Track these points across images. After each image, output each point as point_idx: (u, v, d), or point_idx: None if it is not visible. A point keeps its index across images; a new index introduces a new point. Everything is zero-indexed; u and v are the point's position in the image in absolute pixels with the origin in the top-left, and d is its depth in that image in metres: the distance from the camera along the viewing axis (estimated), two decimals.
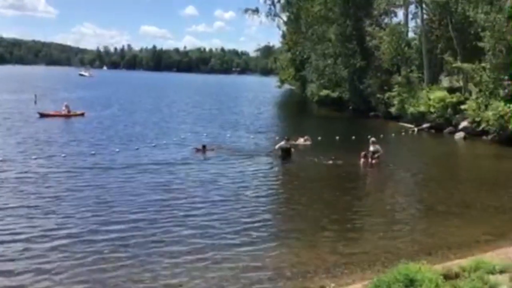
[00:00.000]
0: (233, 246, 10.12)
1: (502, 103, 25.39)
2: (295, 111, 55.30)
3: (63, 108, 33.97)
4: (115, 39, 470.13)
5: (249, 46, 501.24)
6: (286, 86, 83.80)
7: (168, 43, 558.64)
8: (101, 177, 15.88)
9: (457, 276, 7.39)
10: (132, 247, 9.83)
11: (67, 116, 33.21)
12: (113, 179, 15.62)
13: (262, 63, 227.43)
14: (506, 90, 26.08)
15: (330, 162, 19.13)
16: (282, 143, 20.32)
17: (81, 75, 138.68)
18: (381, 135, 25.92)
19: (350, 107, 47.06)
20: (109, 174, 16.34)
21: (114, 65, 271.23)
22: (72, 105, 35.57)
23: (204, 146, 21.34)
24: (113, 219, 11.62)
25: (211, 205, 13.13)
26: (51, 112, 33.74)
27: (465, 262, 8.22)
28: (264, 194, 14.87)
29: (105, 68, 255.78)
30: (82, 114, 34.18)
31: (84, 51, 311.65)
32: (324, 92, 53.23)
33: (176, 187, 14.95)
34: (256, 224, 11.59)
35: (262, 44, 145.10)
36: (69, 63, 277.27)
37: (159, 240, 10.30)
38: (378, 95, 40.17)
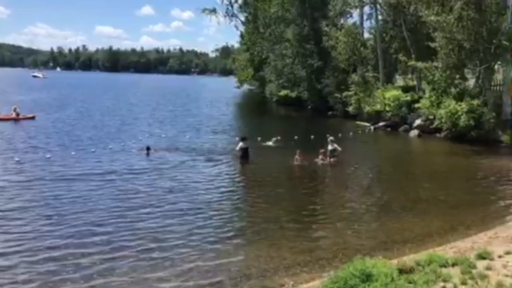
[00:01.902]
0: (191, 247, 10.06)
1: (453, 101, 26.24)
2: (254, 111, 55.37)
3: (12, 111, 32.55)
4: (69, 39, 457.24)
5: (208, 47, 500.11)
6: (246, 86, 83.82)
7: (124, 44, 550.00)
8: (53, 186, 14.96)
9: (411, 270, 7.58)
10: (87, 256, 9.64)
11: (16, 119, 31.82)
12: (67, 188, 14.71)
13: (221, 64, 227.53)
14: (457, 89, 26.94)
15: (291, 161, 19.25)
16: (241, 143, 20.31)
17: (35, 76, 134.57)
18: (339, 134, 26.29)
19: (309, 107, 47.60)
20: (61, 183, 15.45)
21: (68, 66, 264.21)
22: (25, 107, 34.39)
23: (148, 148, 21.29)
24: (70, 231, 11.18)
25: (169, 207, 12.99)
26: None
27: (419, 256, 8.44)
28: (222, 194, 14.85)
29: (58, 69, 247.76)
30: (33, 118, 32.94)
31: (37, 52, 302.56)
32: (283, 92, 53.71)
33: (133, 191, 14.66)
34: (215, 225, 11.58)
35: (221, 44, 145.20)
36: (22, 64, 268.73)
37: (117, 247, 10.12)
38: (336, 95, 40.80)
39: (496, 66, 29.36)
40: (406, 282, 7.04)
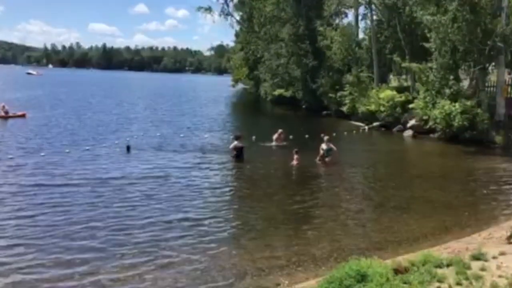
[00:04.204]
0: (186, 246, 10.04)
1: (447, 102, 26.32)
2: (249, 110, 55.40)
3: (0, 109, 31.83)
4: (63, 36, 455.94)
5: (203, 45, 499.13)
6: (240, 85, 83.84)
7: (118, 41, 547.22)
8: (43, 190, 14.43)
9: (406, 270, 7.59)
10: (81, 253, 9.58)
11: (5, 117, 31.01)
12: (58, 192, 14.14)
13: (216, 62, 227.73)
14: (452, 89, 27.02)
15: (287, 161, 19.19)
16: (236, 142, 20.28)
17: (29, 73, 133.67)
18: (334, 134, 26.33)
19: (304, 106, 47.66)
20: (52, 186, 15.05)
21: (62, 64, 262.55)
22: (19, 105, 33.79)
23: (128, 147, 21.29)
24: (63, 233, 11.18)
25: (163, 206, 12.96)
26: None
27: (414, 256, 8.45)
28: (217, 194, 14.80)
29: (50, 66, 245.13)
30: (23, 115, 32.10)
31: (30, 48, 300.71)
32: (278, 91, 53.75)
33: (123, 191, 14.53)
34: (209, 224, 11.53)
35: (216, 43, 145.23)
36: (15, 61, 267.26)
37: (110, 240, 10.13)
38: (330, 94, 40.83)
39: (490, 68, 29.50)
40: (401, 282, 7.04)
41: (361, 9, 42.90)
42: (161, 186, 15.18)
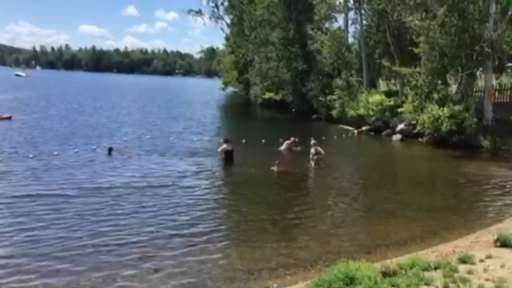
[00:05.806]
0: (174, 249, 10.02)
1: (436, 106, 26.53)
2: (239, 113, 55.34)
3: None
4: (52, 38, 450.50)
5: (193, 48, 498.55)
6: (230, 89, 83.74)
7: (108, 44, 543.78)
8: (30, 199, 14.58)
9: (394, 273, 7.64)
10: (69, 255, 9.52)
11: None
12: (43, 200, 14.36)
13: (206, 65, 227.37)
14: (440, 94, 27.24)
15: (274, 167, 19.15)
16: (225, 145, 20.28)
17: (18, 75, 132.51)
18: (323, 137, 26.38)
19: (293, 110, 47.73)
20: (38, 194, 15.17)
21: (51, 65, 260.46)
22: (8, 107, 33.21)
23: (110, 149, 21.15)
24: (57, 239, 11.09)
25: (151, 209, 12.90)
26: None
27: (402, 259, 8.51)
28: (205, 196, 14.80)
29: (38, 68, 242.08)
30: (9, 118, 31.53)
31: (19, 50, 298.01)
32: (268, 95, 53.73)
33: (111, 195, 14.47)
34: (197, 228, 11.50)
35: (206, 46, 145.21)
36: (4, 62, 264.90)
37: (101, 244, 10.06)
38: (320, 98, 40.99)
39: (478, 73, 29.80)
40: (389, 285, 7.10)
41: (351, 14, 43.17)
42: (150, 190, 15.08)
